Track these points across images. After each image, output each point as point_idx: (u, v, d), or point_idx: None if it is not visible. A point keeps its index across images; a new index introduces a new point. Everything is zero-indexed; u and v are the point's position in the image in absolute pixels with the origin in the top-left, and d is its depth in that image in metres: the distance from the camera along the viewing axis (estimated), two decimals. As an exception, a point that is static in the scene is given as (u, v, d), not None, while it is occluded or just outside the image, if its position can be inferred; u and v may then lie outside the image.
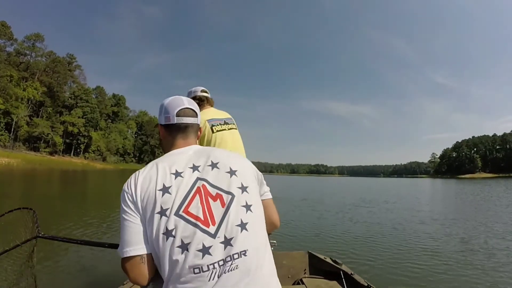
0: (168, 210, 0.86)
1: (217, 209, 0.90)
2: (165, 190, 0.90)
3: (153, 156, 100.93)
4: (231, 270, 0.82)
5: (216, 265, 0.81)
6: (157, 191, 0.89)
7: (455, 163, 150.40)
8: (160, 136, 1.16)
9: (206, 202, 0.90)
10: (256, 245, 0.89)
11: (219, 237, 0.85)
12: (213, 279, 0.80)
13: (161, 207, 0.87)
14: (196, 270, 0.80)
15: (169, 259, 0.82)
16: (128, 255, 0.86)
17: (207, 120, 2.09)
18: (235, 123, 2.26)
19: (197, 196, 0.90)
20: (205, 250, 0.82)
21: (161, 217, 0.86)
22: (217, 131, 2.10)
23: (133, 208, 0.90)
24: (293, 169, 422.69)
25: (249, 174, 1.03)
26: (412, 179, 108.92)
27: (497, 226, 7.89)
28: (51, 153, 66.10)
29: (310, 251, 3.05)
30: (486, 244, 5.82)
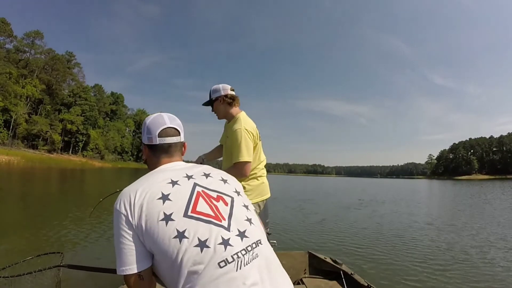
0: (174, 214, 0.84)
1: (222, 207, 0.91)
2: (165, 197, 0.88)
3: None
4: (254, 259, 0.83)
5: (239, 254, 0.81)
6: (156, 201, 0.87)
7: (451, 165, 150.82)
8: (144, 155, 1.14)
9: (211, 202, 0.91)
10: (264, 237, 0.93)
11: (233, 230, 0.86)
12: (240, 269, 0.79)
13: (164, 214, 0.84)
14: (222, 264, 0.78)
15: (187, 261, 0.78)
16: (125, 274, 0.86)
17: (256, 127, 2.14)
18: None
19: (200, 198, 0.91)
20: (225, 242, 0.82)
21: (167, 223, 0.83)
22: (260, 139, 2.15)
23: (128, 228, 0.86)
24: (290, 169, 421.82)
25: (238, 183, 1.09)
26: (409, 180, 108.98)
27: (499, 230, 7.84)
28: (49, 151, 65.82)
29: (310, 251, 3.00)
30: (488, 247, 5.86)
